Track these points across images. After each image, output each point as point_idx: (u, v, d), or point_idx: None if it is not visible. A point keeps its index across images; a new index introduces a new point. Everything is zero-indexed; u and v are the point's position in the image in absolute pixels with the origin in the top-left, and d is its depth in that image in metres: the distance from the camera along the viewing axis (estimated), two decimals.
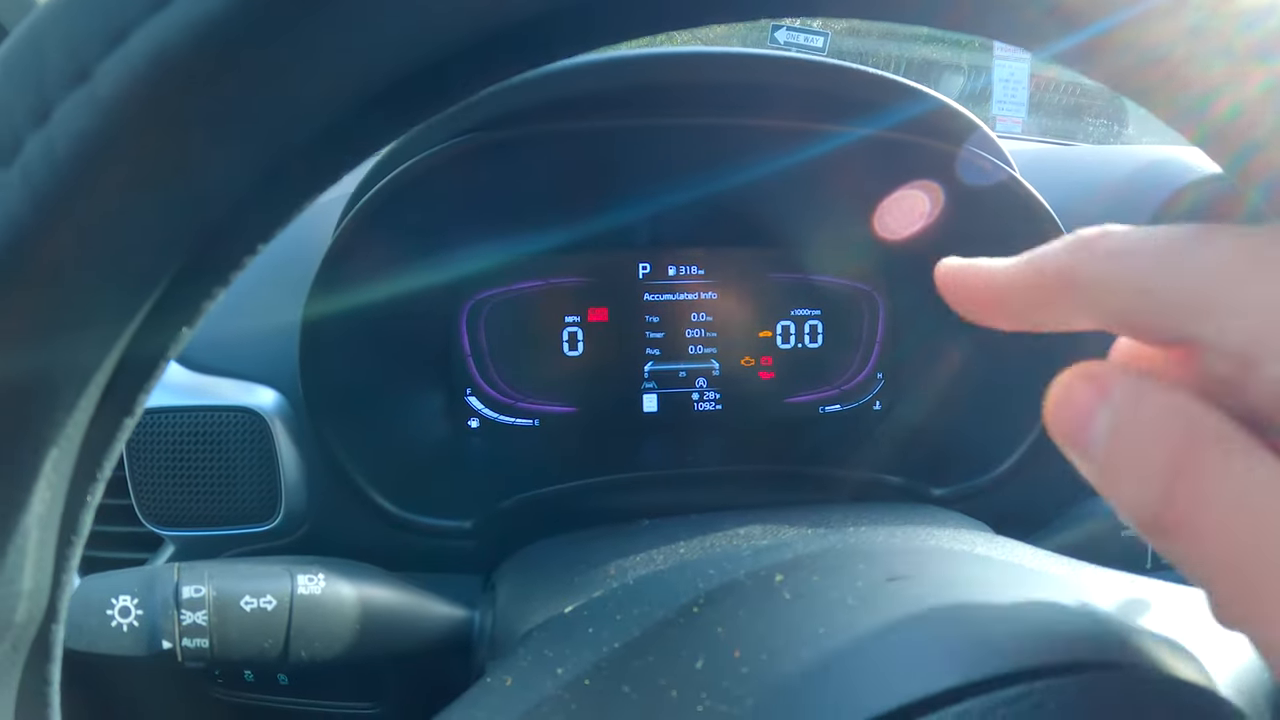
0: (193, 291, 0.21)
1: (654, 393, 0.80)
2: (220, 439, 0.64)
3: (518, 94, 0.60)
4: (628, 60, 0.62)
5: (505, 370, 0.78)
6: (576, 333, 0.78)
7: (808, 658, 0.27)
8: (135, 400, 0.21)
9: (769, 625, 0.31)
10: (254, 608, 0.46)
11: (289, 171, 0.20)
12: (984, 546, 0.44)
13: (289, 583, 0.48)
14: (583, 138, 0.67)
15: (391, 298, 0.67)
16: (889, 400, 0.82)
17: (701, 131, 0.68)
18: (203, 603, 0.46)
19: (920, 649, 0.28)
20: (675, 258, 0.78)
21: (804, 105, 0.65)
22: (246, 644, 0.47)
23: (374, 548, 0.62)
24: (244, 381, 0.65)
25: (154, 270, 0.19)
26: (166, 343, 0.21)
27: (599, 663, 0.32)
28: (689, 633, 0.32)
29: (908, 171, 0.69)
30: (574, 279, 0.77)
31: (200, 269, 0.20)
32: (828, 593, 0.31)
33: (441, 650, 0.52)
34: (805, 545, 0.39)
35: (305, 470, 0.65)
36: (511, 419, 0.78)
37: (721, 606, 0.33)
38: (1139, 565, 0.60)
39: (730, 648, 0.29)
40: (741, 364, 0.80)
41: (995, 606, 0.31)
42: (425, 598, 0.53)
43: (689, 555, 0.47)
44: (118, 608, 0.45)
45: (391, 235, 0.64)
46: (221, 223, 0.20)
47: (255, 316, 0.67)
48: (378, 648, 0.50)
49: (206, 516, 0.64)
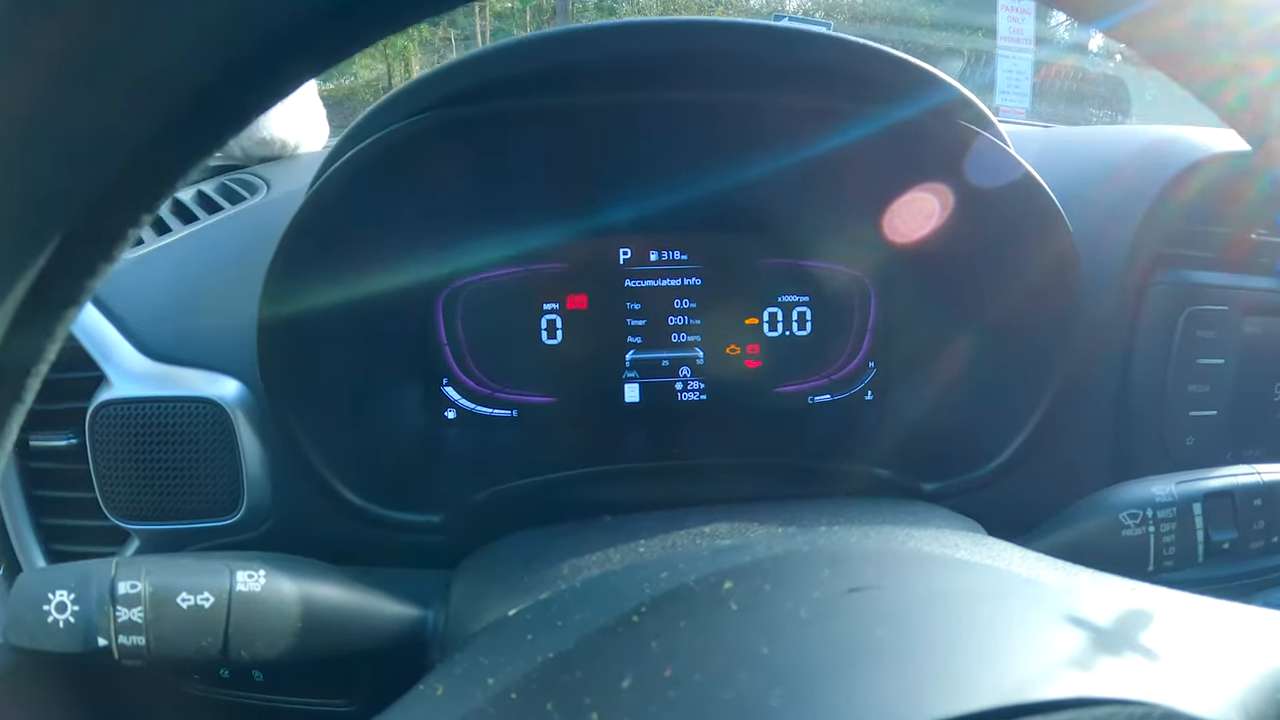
0: (74, 269, 0.19)
1: (636, 382, 0.77)
2: (181, 430, 0.62)
3: (485, 67, 0.58)
4: (608, 29, 0.59)
5: (483, 360, 0.75)
6: (555, 321, 0.75)
7: (743, 683, 0.25)
8: (24, 386, 0.20)
9: (708, 641, 0.28)
10: (191, 605, 0.44)
11: (163, 134, 0.19)
12: (968, 550, 0.41)
13: (227, 579, 0.46)
14: (560, 115, 0.64)
15: (359, 284, 0.65)
16: (881, 390, 0.80)
17: (688, 109, 0.65)
18: (139, 599, 0.44)
19: (873, 681, 0.25)
20: (658, 242, 0.76)
21: (799, 82, 0.62)
22: (184, 642, 0.44)
23: (341, 543, 0.60)
24: (208, 372, 0.64)
25: (32, 238, 0.18)
26: (51, 324, 0.20)
27: (530, 674, 0.30)
28: (624, 644, 0.30)
29: (906, 156, 0.66)
30: (552, 265, 0.75)
31: (80, 243, 0.19)
32: (779, 604, 0.29)
33: (396, 649, 0.50)
34: (767, 548, 0.36)
35: (269, 463, 0.63)
36: (489, 410, 0.76)
37: (663, 616, 0.31)
38: (1141, 568, 0.56)
39: (663, 665, 0.27)
40: (727, 352, 0.78)
41: (973, 627, 0.28)
42: (376, 596, 0.51)
43: (647, 554, 0.45)
44: (54, 603, 0.43)
45: (354, 218, 0.62)
46: (100, 189, 0.19)
47: (219, 305, 0.65)
48: (324, 647, 0.48)
49: (169, 510, 0.63)
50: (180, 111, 0.19)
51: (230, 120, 0.20)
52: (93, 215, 0.19)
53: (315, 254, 0.60)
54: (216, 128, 0.20)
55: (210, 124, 0.20)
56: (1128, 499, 0.56)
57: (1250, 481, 0.57)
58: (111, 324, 0.65)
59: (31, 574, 0.46)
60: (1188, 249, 0.72)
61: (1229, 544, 0.56)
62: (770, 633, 0.28)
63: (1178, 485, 0.56)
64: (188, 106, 0.19)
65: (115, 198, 0.19)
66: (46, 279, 0.19)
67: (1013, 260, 0.67)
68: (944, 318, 0.74)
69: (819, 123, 0.65)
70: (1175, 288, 0.71)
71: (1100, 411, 0.70)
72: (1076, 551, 0.55)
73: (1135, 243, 0.69)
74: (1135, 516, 0.55)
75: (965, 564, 0.36)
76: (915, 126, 0.63)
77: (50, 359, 0.20)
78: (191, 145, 0.20)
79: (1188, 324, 0.71)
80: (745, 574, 0.31)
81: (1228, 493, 0.56)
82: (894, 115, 0.63)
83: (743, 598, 0.30)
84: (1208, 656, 0.30)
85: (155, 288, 0.67)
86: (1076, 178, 0.73)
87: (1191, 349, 0.71)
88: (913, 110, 0.62)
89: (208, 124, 0.20)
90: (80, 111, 0.17)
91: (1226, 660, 0.30)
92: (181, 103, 0.19)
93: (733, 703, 0.24)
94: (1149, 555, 0.55)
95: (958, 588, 0.31)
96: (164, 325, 0.65)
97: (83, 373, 0.63)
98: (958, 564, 0.35)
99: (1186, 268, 0.72)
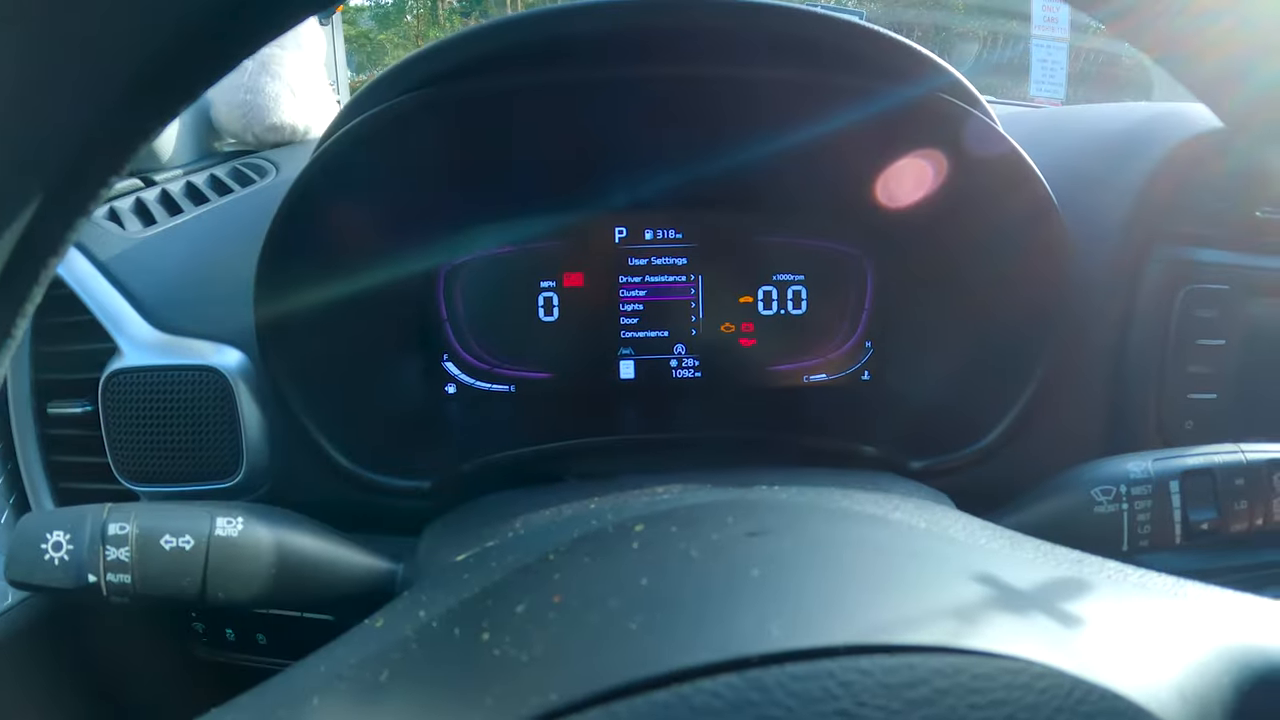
0: (57, 219, 0.21)
1: (631, 359, 0.78)
2: (186, 397, 0.65)
3: (477, 43, 0.59)
4: (604, 5, 0.59)
5: (482, 336, 0.77)
6: (552, 298, 0.77)
7: (611, 608, 0.26)
8: (14, 324, 0.22)
9: (599, 574, 0.29)
10: (173, 546, 0.47)
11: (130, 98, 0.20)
12: (902, 513, 0.41)
13: (208, 524, 0.49)
14: (553, 91, 0.65)
15: (357, 263, 0.67)
16: (878, 370, 0.80)
17: (684, 85, 0.66)
18: (126, 540, 0.47)
19: (727, 615, 0.25)
20: (652, 221, 0.77)
21: (794, 58, 0.63)
22: (166, 581, 0.47)
23: (334, 507, 0.62)
24: (213, 343, 0.66)
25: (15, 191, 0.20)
26: (36, 270, 0.21)
27: (452, 607, 0.32)
28: (533, 578, 0.31)
29: (902, 134, 0.66)
30: (550, 244, 0.76)
31: (60, 196, 0.21)
32: (675, 544, 0.30)
33: (367, 600, 0.52)
34: (692, 498, 0.37)
35: (268, 429, 0.65)
36: (488, 385, 0.78)
37: (574, 555, 0.32)
38: (1114, 547, 0.55)
39: (556, 593, 0.28)
40: (721, 330, 0.79)
41: (854, 573, 0.28)
42: (349, 549, 0.53)
43: (594, 509, 0.46)
44: (51, 542, 0.47)
45: (348, 194, 0.64)
46: (73, 146, 0.20)
47: (225, 280, 0.67)
48: (298, 592, 0.51)
49: (174, 473, 0.66)
50: (142, 83, 0.21)
51: (176, 96, 0.22)
52: (73, 169, 0.21)
53: (310, 231, 0.63)
54: (169, 100, 0.22)
55: (163, 95, 0.22)
56: (1101, 475, 0.55)
57: (1232, 460, 0.55)
58: (124, 298, 0.68)
59: (32, 516, 0.49)
60: (1187, 225, 0.71)
61: (1208, 524, 0.54)
62: (656, 568, 0.29)
63: (1154, 462, 0.55)
64: (149, 78, 0.20)
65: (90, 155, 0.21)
66: (31, 231, 0.21)
67: (1001, 237, 0.67)
68: (938, 298, 0.74)
69: (812, 100, 0.65)
70: (1173, 264, 0.69)
71: (1095, 391, 0.69)
72: (1047, 528, 0.54)
73: (1131, 217, 0.68)
74: (1108, 493, 0.54)
75: (882, 520, 0.36)
76: (906, 106, 0.63)
77: (35, 302, 0.22)
78: (148, 117, 0.22)
79: (1186, 302, 0.69)
80: (658, 519, 0.33)
81: (1207, 471, 0.54)
82: (886, 95, 0.63)
83: (647, 538, 0.31)
84: (1143, 631, 0.28)
85: (166, 264, 0.70)
86: (1072, 152, 0.72)
87: (1190, 329, 0.70)
88: (904, 91, 0.63)
89: (163, 94, 0.22)
90: (59, 81, 0.19)
91: (1164, 637, 0.28)
92: (144, 74, 0.20)
93: (596, 625, 0.26)
94: (1122, 534, 0.54)
95: (859, 538, 0.32)
96: (173, 299, 0.68)
97: (97, 344, 0.67)
98: (874, 519, 0.35)
99: (1186, 244, 0.70)
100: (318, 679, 0.30)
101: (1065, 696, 0.23)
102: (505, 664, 0.26)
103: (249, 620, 0.72)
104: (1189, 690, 0.26)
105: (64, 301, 0.68)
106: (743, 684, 0.22)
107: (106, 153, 0.21)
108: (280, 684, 0.32)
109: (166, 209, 0.77)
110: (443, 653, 0.29)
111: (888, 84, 0.63)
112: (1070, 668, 0.24)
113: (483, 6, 5.51)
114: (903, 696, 0.22)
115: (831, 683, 0.22)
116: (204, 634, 0.74)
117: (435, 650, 0.29)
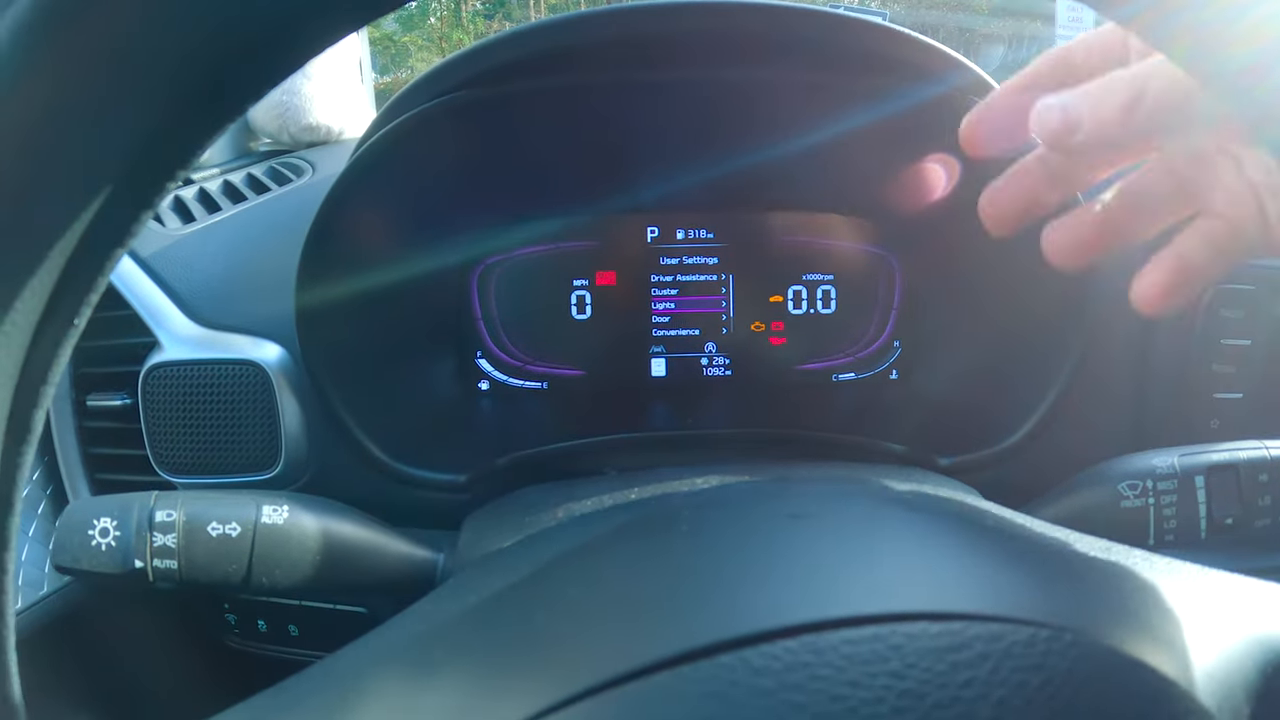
0: (123, 212, 0.22)
1: (662, 357, 0.79)
2: (225, 391, 0.66)
3: (512, 47, 0.60)
4: (635, 9, 0.61)
5: (515, 334, 0.78)
6: (585, 296, 0.78)
7: (667, 582, 0.27)
8: (78, 312, 0.23)
9: (653, 550, 0.30)
10: (220, 533, 0.49)
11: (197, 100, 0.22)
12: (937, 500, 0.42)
13: (254, 512, 0.50)
14: (586, 94, 0.66)
15: (394, 261, 0.68)
16: (906, 369, 0.80)
17: (713, 87, 0.67)
18: (173, 526, 0.48)
19: (790, 585, 0.26)
20: (684, 221, 0.78)
21: (822, 60, 0.64)
22: (212, 567, 0.49)
23: (372, 500, 0.63)
24: (252, 337, 0.68)
25: (86, 187, 0.21)
26: (102, 259, 0.23)
27: (503, 589, 0.32)
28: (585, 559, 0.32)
29: (929, 133, 0.67)
30: (581, 243, 0.77)
31: (126, 192, 0.22)
32: (721, 526, 0.31)
33: (410, 589, 0.53)
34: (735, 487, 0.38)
35: (306, 422, 0.66)
36: (521, 381, 0.79)
37: (624, 536, 0.33)
38: (1141, 541, 0.55)
39: (586, 573, 0.29)
40: (752, 329, 0.79)
41: (869, 549, 0.29)
42: (391, 537, 0.54)
43: (636, 498, 0.47)
44: (98, 528, 0.48)
45: (386, 196, 0.65)
46: (140, 148, 0.21)
47: (264, 276, 0.69)
48: (340, 579, 0.52)
49: (213, 465, 0.67)
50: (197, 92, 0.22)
51: (237, 103, 0.23)
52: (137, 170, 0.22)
53: (351, 229, 0.64)
54: (228, 108, 0.23)
55: (222, 105, 0.23)
56: (1128, 469, 0.56)
57: (1256, 456, 0.56)
58: (164, 293, 0.69)
59: (79, 503, 0.50)
60: None
61: (1232, 519, 0.55)
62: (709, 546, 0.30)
63: (1180, 458, 0.56)
64: (204, 88, 0.22)
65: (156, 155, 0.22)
66: (93, 228, 0.22)
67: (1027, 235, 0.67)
68: (965, 296, 0.74)
69: (839, 102, 0.66)
70: None
71: (1120, 389, 0.70)
72: (1074, 522, 0.55)
73: None
74: (1135, 487, 0.55)
75: (917, 503, 0.36)
76: (932, 105, 0.64)
77: (101, 289, 0.23)
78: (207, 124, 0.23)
79: (1212, 301, 0.70)
80: (703, 504, 0.33)
81: (1232, 466, 0.56)
82: (913, 95, 0.64)
83: (692, 522, 0.32)
84: (1173, 612, 0.29)
85: (205, 260, 0.72)
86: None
87: (1216, 328, 0.70)
88: (930, 90, 0.63)
89: (221, 104, 0.23)
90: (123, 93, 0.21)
91: (1193, 618, 0.29)
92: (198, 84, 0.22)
93: (655, 598, 0.27)
94: (1149, 528, 0.55)
95: (898, 518, 0.33)
96: (212, 294, 0.69)
97: (137, 338, 0.68)
98: (910, 503, 0.36)
99: None
100: (375, 654, 0.31)
101: (1098, 665, 0.24)
102: (564, 636, 0.27)
103: (282, 611, 0.73)
104: (1215, 670, 0.27)
105: (105, 296, 0.69)
106: (799, 647, 0.23)
107: (174, 151, 0.22)
108: (335, 661, 0.33)
109: (205, 207, 0.78)
110: (498, 631, 0.29)
111: (914, 84, 0.63)
112: (1104, 639, 0.25)
113: (506, 9, 5.52)
114: (948, 659, 0.23)
115: (882, 645, 0.23)
116: (236, 625, 0.75)
117: (490, 629, 0.30)
